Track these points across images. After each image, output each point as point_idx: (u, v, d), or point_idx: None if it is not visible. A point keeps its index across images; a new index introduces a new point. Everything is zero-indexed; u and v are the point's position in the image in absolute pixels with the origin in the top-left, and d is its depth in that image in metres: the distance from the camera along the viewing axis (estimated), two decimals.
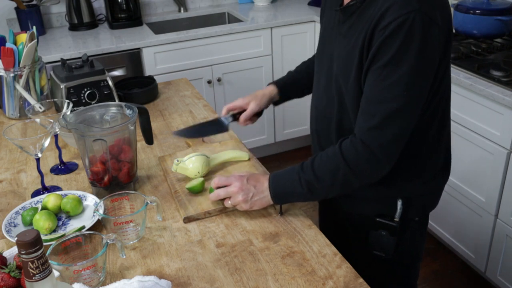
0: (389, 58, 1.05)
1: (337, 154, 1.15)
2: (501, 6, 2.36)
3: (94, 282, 1.02)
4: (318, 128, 1.34)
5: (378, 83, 1.08)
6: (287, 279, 1.04)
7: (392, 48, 1.04)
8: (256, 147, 3.27)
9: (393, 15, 1.03)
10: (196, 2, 3.43)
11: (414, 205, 1.28)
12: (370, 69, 1.09)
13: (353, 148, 1.13)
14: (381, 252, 1.29)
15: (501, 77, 2.00)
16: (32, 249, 0.72)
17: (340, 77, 1.19)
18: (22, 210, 1.26)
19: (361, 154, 1.12)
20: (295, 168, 1.20)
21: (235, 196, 1.21)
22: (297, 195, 1.20)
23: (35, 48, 1.74)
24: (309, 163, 1.18)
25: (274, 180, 1.21)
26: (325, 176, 1.16)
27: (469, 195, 2.19)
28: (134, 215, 1.15)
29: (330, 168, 1.16)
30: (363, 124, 1.12)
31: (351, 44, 1.14)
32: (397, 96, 1.06)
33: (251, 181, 1.22)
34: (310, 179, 1.17)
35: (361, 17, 1.12)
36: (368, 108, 1.11)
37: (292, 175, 1.19)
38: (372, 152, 1.11)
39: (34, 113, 1.51)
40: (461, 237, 2.32)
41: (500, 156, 1.99)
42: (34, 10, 2.90)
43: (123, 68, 2.77)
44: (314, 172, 1.16)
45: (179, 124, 1.74)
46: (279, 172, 1.23)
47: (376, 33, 1.06)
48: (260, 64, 3.09)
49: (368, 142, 1.11)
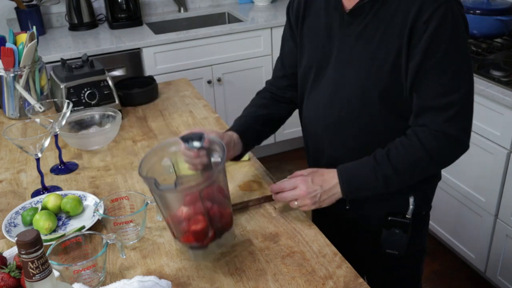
0: (446, 48, 1.07)
1: (417, 147, 1.13)
2: (501, 6, 2.36)
3: (94, 282, 1.02)
4: (326, 136, 1.27)
5: (443, 74, 1.08)
6: (287, 279, 1.04)
7: (445, 37, 1.06)
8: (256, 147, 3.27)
9: (432, 6, 1.05)
10: (196, 2, 3.43)
11: (423, 200, 1.30)
12: (425, 64, 1.08)
13: (434, 140, 1.12)
14: (394, 250, 1.28)
15: (501, 77, 2.00)
16: (32, 249, 0.72)
17: (361, 79, 1.16)
18: (22, 210, 1.26)
19: (445, 144, 1.13)
20: (367, 161, 1.17)
21: (302, 200, 1.17)
22: (371, 189, 1.18)
23: (35, 48, 1.74)
24: (384, 156, 1.15)
25: (346, 176, 1.17)
26: (405, 169, 1.15)
27: (469, 195, 2.19)
28: (134, 215, 1.15)
29: (411, 160, 1.15)
30: (437, 119, 1.11)
31: (373, 44, 1.12)
32: (465, 81, 1.10)
33: (317, 181, 1.18)
34: (387, 173, 1.15)
35: (378, 16, 1.11)
36: (438, 102, 1.10)
37: (366, 169, 1.16)
38: (457, 139, 1.14)
39: (34, 113, 1.51)
40: (461, 237, 2.32)
41: (500, 156, 1.99)
42: (34, 10, 2.90)
43: (123, 68, 2.77)
44: (392, 166, 1.14)
45: (179, 124, 1.74)
46: (349, 167, 1.18)
47: (418, 27, 1.06)
48: (260, 64, 3.09)
49: (451, 131, 1.12)
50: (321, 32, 1.23)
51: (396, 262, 1.34)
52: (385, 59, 1.11)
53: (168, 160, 1.09)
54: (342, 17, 1.17)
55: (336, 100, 1.22)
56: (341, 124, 1.23)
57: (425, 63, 1.08)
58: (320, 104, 1.26)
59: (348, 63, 1.18)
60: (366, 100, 1.17)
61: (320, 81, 1.26)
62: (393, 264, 1.36)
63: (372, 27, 1.12)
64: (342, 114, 1.21)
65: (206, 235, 1.01)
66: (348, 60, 1.17)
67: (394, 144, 1.16)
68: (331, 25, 1.21)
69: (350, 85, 1.18)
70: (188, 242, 1.03)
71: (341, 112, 1.21)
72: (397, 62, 1.11)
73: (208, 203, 1.01)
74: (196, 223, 1.00)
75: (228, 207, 1.06)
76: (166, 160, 1.09)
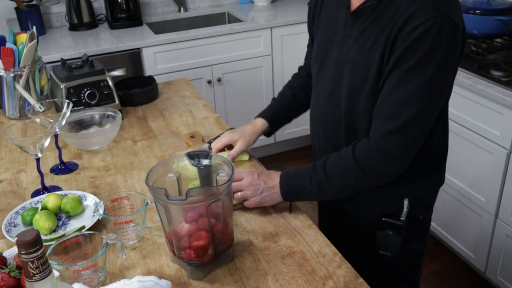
0: (415, 62, 1.03)
1: (349, 157, 1.14)
2: (501, 6, 2.36)
3: (94, 282, 1.02)
4: (322, 133, 1.31)
5: (402, 86, 1.06)
6: (287, 279, 1.04)
7: (419, 52, 1.02)
8: (256, 147, 3.27)
9: (420, 19, 1.02)
10: (196, 2, 3.43)
11: (420, 204, 1.29)
12: (392, 72, 1.07)
13: (367, 152, 1.12)
14: (387, 251, 1.29)
15: (501, 77, 2.00)
16: (32, 249, 0.72)
17: (354, 81, 1.16)
18: (22, 210, 1.26)
19: (376, 158, 1.11)
20: (307, 167, 1.20)
21: (245, 190, 1.22)
22: (307, 194, 1.20)
23: (35, 48, 1.74)
24: (321, 164, 1.18)
25: (285, 178, 1.21)
26: (336, 178, 1.16)
27: (469, 195, 2.19)
28: (134, 215, 1.15)
29: (342, 170, 1.15)
30: (380, 128, 1.10)
31: (366, 47, 1.12)
32: (421, 100, 1.06)
33: (262, 177, 1.22)
34: (321, 179, 1.16)
35: (377, 20, 1.10)
36: (388, 111, 1.09)
37: (304, 174, 1.19)
38: (389, 155, 1.10)
39: (34, 113, 1.51)
40: (461, 237, 2.32)
41: (500, 156, 1.99)
42: (34, 10, 2.90)
43: (123, 68, 2.77)
44: (325, 173, 1.16)
45: (179, 124, 1.74)
46: (291, 170, 1.22)
47: (400, 37, 1.04)
48: (260, 64, 3.09)
49: (385, 145, 1.10)
50: (329, 27, 1.24)
51: (391, 263, 1.34)
52: (372, 63, 1.11)
53: (173, 175, 1.11)
54: (346, 17, 1.17)
55: (332, 99, 1.24)
56: (335, 123, 1.24)
57: (393, 71, 1.07)
58: (318, 101, 1.30)
59: (346, 64, 1.18)
60: (356, 102, 1.17)
61: (322, 75, 1.28)
62: (388, 265, 1.36)
63: (370, 30, 1.12)
64: (336, 114, 1.23)
65: (207, 252, 1.02)
66: (346, 61, 1.18)
67: (335, 153, 1.18)
68: (337, 22, 1.21)
69: (344, 86, 1.19)
70: (188, 258, 1.03)
71: (336, 111, 1.23)
72: (380, 67, 1.10)
73: (212, 220, 1.02)
74: (199, 239, 1.01)
75: (230, 226, 1.07)
76: (171, 175, 1.10)
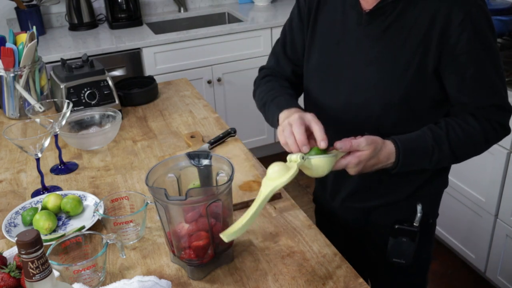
0: (487, 45, 1.07)
1: (477, 136, 1.12)
2: (501, 6, 2.36)
3: (94, 282, 1.02)
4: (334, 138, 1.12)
5: (482, 67, 1.08)
6: (287, 279, 1.04)
7: (484, 35, 1.06)
8: (256, 147, 3.27)
9: (464, 8, 1.04)
10: (196, 2, 3.43)
11: (431, 207, 1.28)
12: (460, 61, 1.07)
13: (493, 129, 1.13)
14: (401, 259, 1.25)
15: None
16: (32, 249, 0.72)
17: (385, 83, 1.11)
18: (22, 210, 1.26)
19: (500, 133, 1.15)
20: (427, 141, 1.09)
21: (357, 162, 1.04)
22: (421, 166, 1.13)
23: (35, 48, 1.74)
24: (444, 137, 1.10)
25: (405, 155, 1.08)
26: (462, 156, 1.15)
27: (469, 195, 2.19)
28: (134, 215, 1.15)
29: (470, 149, 1.15)
30: (488, 107, 1.12)
31: (395, 45, 1.09)
32: (501, 74, 1.12)
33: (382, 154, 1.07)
34: (442, 156, 1.11)
35: (402, 18, 1.08)
36: (484, 92, 1.11)
37: (425, 153, 1.10)
38: (506, 128, 1.16)
39: (34, 113, 1.51)
40: (461, 237, 2.32)
41: (500, 156, 1.99)
42: (34, 10, 2.90)
43: (123, 68, 2.77)
44: (452, 152, 1.11)
45: (179, 124, 1.74)
46: (411, 146, 1.09)
47: (452, 31, 1.05)
48: (260, 64, 3.05)
49: (503, 121, 1.14)
50: (336, 29, 1.18)
51: (403, 271, 1.32)
52: (409, 62, 1.08)
53: (173, 175, 1.10)
54: (361, 17, 1.13)
55: (352, 104, 1.16)
56: (355, 130, 1.11)
57: (460, 59, 1.07)
58: (333, 107, 1.20)
59: (367, 65, 1.13)
60: (387, 104, 1.12)
61: (333, 80, 1.20)
62: (399, 273, 1.34)
63: (395, 28, 1.09)
64: (358, 119, 1.16)
65: (207, 252, 1.02)
66: (367, 61, 1.13)
67: (452, 126, 1.11)
68: (347, 23, 1.16)
69: (368, 88, 1.13)
70: (188, 258, 1.02)
71: (358, 117, 1.16)
72: (422, 65, 1.08)
73: (212, 220, 1.01)
74: (199, 239, 1.01)
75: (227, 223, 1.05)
76: (171, 175, 1.09)
